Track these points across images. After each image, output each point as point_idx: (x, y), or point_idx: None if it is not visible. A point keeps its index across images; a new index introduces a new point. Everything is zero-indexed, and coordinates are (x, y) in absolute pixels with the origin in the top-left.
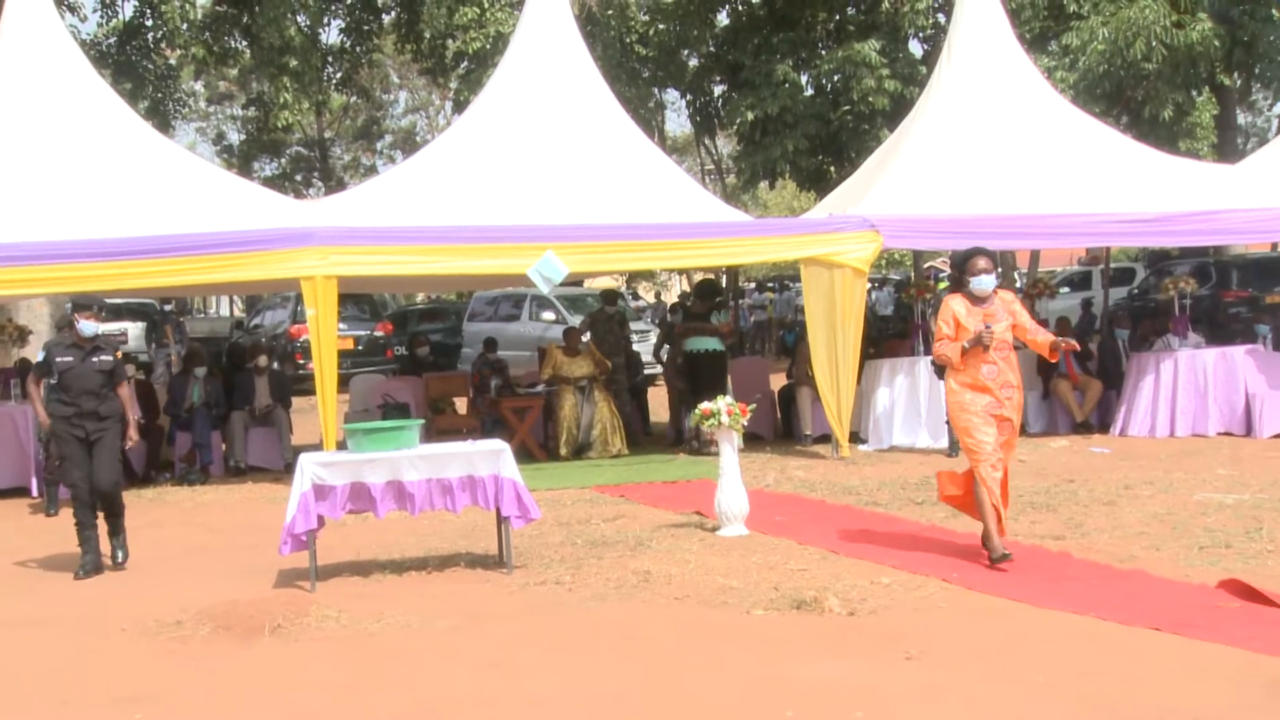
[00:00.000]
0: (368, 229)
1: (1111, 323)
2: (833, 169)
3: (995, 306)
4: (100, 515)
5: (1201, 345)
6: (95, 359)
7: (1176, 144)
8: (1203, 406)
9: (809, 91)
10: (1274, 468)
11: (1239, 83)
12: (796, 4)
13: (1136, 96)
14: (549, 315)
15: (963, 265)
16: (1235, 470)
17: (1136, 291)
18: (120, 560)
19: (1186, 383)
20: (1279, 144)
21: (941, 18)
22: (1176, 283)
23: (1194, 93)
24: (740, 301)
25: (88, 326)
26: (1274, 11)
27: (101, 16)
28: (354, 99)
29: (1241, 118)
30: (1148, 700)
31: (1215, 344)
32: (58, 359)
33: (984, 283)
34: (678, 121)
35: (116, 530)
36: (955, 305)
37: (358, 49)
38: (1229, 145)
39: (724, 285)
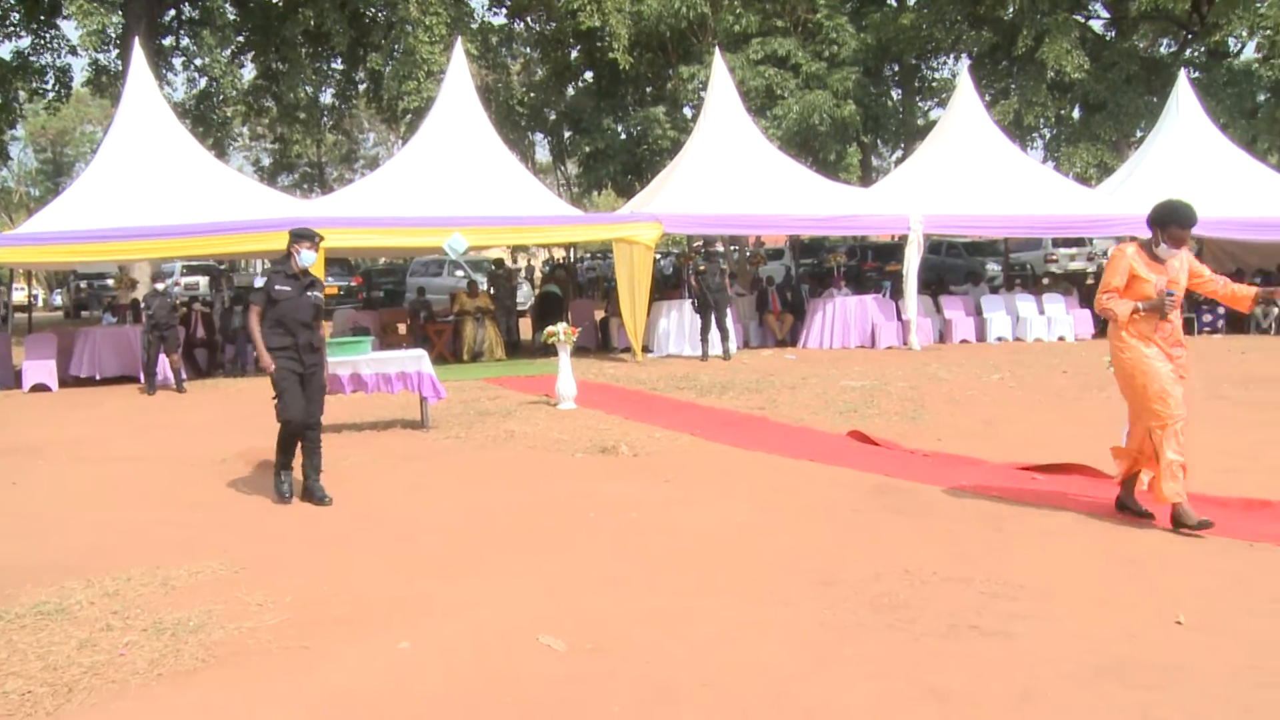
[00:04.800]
0: (344, 218)
1: (799, 280)
2: (636, 184)
3: (1176, 267)
4: (301, 445)
5: (849, 294)
6: (311, 293)
7: (838, 176)
8: (848, 330)
9: (622, 136)
10: (885, 367)
11: (871, 140)
12: (615, 83)
13: (815, 146)
14: (460, 273)
15: (1168, 225)
16: (864, 368)
17: (815, 261)
18: (319, 496)
19: (841, 316)
20: (891, 177)
21: (703, 94)
22: (837, 256)
23: (847, 146)
24: (580, 265)
25: (308, 256)
26: (888, 102)
27: (186, 87)
28: (340, 137)
29: (874, 161)
30: (802, 498)
31: (857, 293)
32: (276, 287)
33: (1174, 253)
34: (543, 153)
35: (316, 464)
36: (1133, 257)
37: (342, 106)
38: (867, 178)
39: (571, 258)
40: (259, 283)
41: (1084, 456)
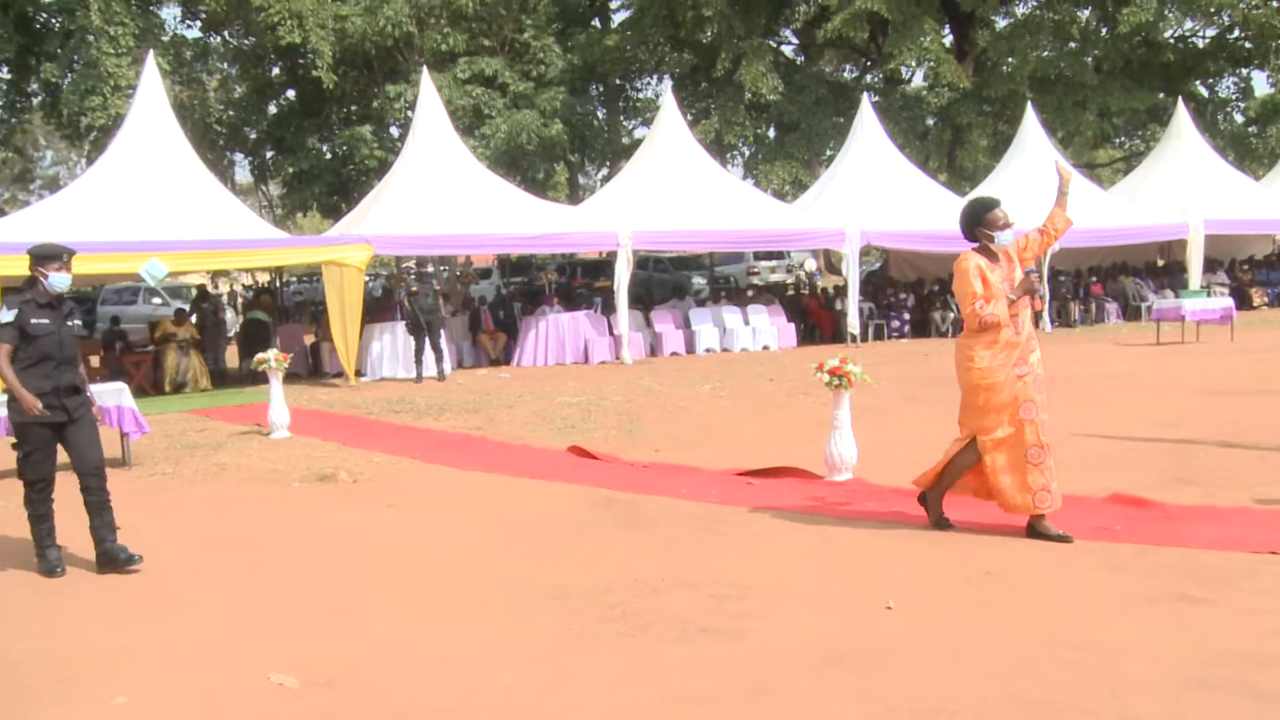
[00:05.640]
0: (21, 244)
1: (511, 298)
2: (343, 205)
3: (1009, 258)
4: (84, 502)
5: (561, 311)
6: (71, 322)
7: (547, 194)
8: (561, 347)
9: (328, 156)
10: (599, 382)
11: (578, 159)
12: (320, 101)
13: (524, 165)
14: (157, 300)
15: (981, 218)
16: (579, 384)
17: (526, 279)
18: (125, 558)
19: (554, 333)
20: (599, 195)
21: (410, 113)
22: (547, 274)
23: (555, 164)
24: (286, 289)
25: (59, 280)
26: (594, 121)
27: None
28: (11, 154)
29: (581, 179)
30: (527, 515)
31: (569, 310)
32: (32, 320)
33: (1008, 237)
34: (243, 173)
35: (109, 519)
36: (978, 260)
37: (12, 120)
38: (575, 196)
39: (276, 282)
40: (6, 316)
41: (795, 459)
